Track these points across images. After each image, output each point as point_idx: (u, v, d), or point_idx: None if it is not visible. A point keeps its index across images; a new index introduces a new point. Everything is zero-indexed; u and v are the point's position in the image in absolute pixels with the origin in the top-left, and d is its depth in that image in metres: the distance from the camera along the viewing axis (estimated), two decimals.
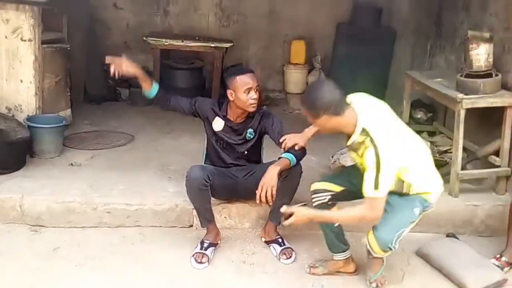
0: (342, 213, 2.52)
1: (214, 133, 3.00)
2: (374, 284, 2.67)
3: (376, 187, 2.29)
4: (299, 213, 2.43)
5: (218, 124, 2.98)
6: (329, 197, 2.66)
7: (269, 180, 2.64)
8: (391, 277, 2.77)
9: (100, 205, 3.09)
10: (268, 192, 2.62)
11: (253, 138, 3.02)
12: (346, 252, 2.74)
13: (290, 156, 2.77)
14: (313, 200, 2.69)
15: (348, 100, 2.46)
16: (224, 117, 2.96)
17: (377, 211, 2.34)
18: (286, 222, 2.44)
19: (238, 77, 2.80)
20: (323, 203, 2.66)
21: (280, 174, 2.70)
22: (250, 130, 2.99)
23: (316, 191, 2.68)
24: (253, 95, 2.81)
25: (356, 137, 2.37)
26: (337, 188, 2.66)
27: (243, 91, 2.78)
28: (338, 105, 2.36)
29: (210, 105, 3.01)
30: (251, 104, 2.82)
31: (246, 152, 3.03)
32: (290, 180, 2.81)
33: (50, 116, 3.92)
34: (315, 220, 2.55)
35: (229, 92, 2.84)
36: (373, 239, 2.48)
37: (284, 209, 2.44)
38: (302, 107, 2.51)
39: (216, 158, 3.05)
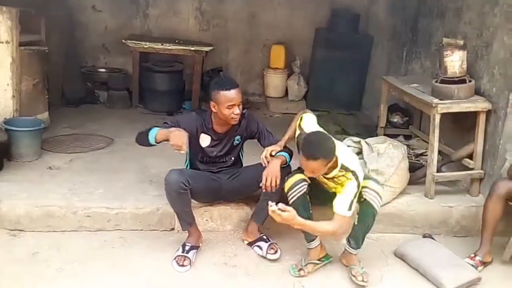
0: (320, 226, 2.71)
1: (202, 149, 2.99)
2: (360, 278, 2.78)
3: (349, 208, 2.66)
4: (292, 214, 2.55)
5: (204, 140, 2.97)
6: (306, 186, 2.77)
7: (273, 171, 2.76)
8: (370, 277, 2.84)
9: (80, 209, 3.06)
10: (273, 180, 2.76)
11: (239, 143, 3.07)
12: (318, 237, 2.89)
13: (286, 154, 2.92)
14: (292, 195, 2.75)
15: None
16: (210, 130, 2.95)
17: (344, 227, 2.72)
18: (277, 210, 2.50)
19: (222, 93, 2.79)
20: (303, 193, 2.75)
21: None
22: (237, 137, 3.03)
23: (293, 186, 2.75)
24: (236, 110, 2.82)
25: (336, 172, 2.68)
26: (308, 179, 2.79)
27: (226, 107, 2.80)
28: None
29: (194, 121, 2.95)
30: (233, 118, 2.85)
31: (232, 159, 3.07)
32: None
33: (28, 119, 3.86)
34: (297, 226, 2.64)
35: (212, 104, 2.85)
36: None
37: (282, 205, 2.52)
38: (314, 161, 2.55)
39: (200, 168, 3.06)
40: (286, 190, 2.78)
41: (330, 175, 2.71)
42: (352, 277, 2.80)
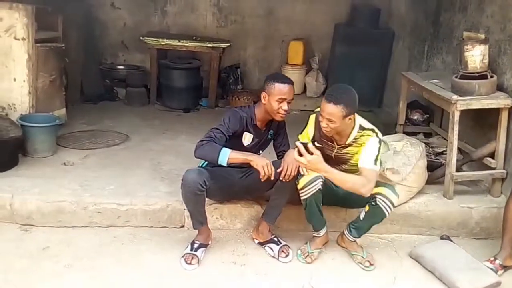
0: (349, 177, 2.67)
1: (243, 147, 2.90)
2: (367, 264, 2.84)
3: (375, 163, 2.68)
4: (319, 158, 2.56)
5: (247, 138, 2.92)
6: (322, 183, 2.73)
7: (293, 160, 2.67)
8: (383, 279, 2.76)
9: (91, 204, 3.07)
10: (292, 170, 2.71)
11: (271, 138, 3.04)
12: (326, 224, 2.93)
13: None
14: (307, 191, 2.72)
15: None
16: (253, 126, 2.90)
17: (372, 183, 2.67)
18: (302, 149, 2.51)
19: (276, 84, 2.77)
20: (318, 190, 2.72)
21: None
22: (271, 132, 3.01)
23: (308, 183, 2.71)
24: (285, 106, 2.79)
25: (355, 133, 2.75)
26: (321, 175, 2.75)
27: (276, 99, 2.77)
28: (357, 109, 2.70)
29: (240, 121, 2.86)
30: (280, 113, 2.81)
31: (260, 153, 3.02)
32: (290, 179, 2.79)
33: (44, 115, 3.90)
34: (323, 172, 2.62)
35: (263, 94, 2.82)
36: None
37: (311, 146, 2.55)
38: (335, 105, 2.59)
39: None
40: (301, 186, 2.74)
41: (349, 140, 2.76)
42: (358, 264, 2.86)
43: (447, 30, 4.27)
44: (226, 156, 2.66)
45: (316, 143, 2.86)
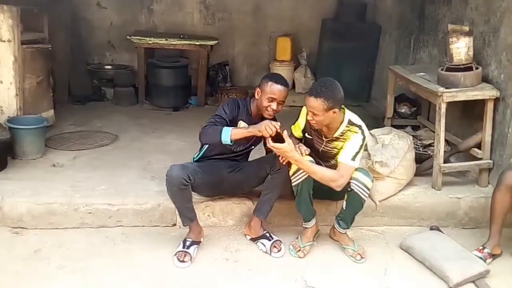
0: (318, 168, 2.74)
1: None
2: (358, 257, 2.88)
3: (353, 158, 2.72)
4: (290, 146, 2.63)
5: (242, 126, 2.92)
6: None
7: (267, 121, 2.72)
8: (374, 271, 2.79)
9: (82, 205, 3.06)
10: (270, 127, 2.70)
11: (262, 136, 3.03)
12: (315, 215, 2.95)
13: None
14: (298, 177, 2.76)
15: None
16: (249, 116, 2.95)
17: (346, 178, 2.72)
18: (275, 144, 2.61)
19: (270, 83, 2.83)
20: (308, 176, 2.74)
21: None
22: None
23: (299, 168, 2.74)
24: (274, 106, 2.83)
25: (343, 127, 2.78)
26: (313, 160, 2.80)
27: (267, 97, 2.82)
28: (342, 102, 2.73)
29: (237, 107, 2.95)
30: (268, 112, 2.86)
31: (252, 148, 3.07)
32: (280, 174, 2.83)
33: (31, 117, 3.88)
34: (295, 161, 2.69)
35: (257, 90, 2.89)
36: None
37: (286, 133, 2.64)
38: (315, 98, 2.64)
39: (218, 151, 3.01)
40: (293, 171, 2.77)
41: (337, 133, 2.79)
42: (349, 257, 2.89)
43: (433, 23, 4.31)
44: (228, 134, 2.72)
45: (306, 135, 2.93)
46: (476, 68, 3.32)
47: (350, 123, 2.80)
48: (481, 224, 3.24)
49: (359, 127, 2.78)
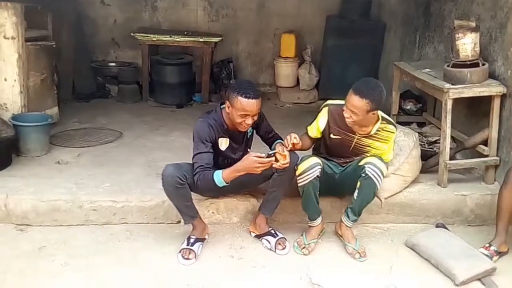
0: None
1: (222, 152, 2.87)
2: (358, 255, 2.84)
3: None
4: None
5: (223, 143, 2.85)
6: (320, 169, 2.76)
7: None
8: (380, 268, 2.77)
9: (86, 203, 3.06)
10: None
11: (252, 134, 3.00)
12: (321, 214, 2.93)
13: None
14: (304, 178, 2.74)
15: None
16: (226, 131, 2.82)
17: None
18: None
19: (240, 99, 2.63)
20: (316, 177, 2.74)
21: None
22: (249, 129, 2.93)
23: (307, 169, 2.73)
24: (249, 120, 2.70)
25: (378, 125, 2.82)
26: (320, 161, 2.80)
27: (239, 115, 2.68)
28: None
29: (210, 130, 2.77)
30: (242, 126, 2.74)
31: (248, 151, 2.98)
32: (285, 172, 2.79)
33: (36, 114, 3.88)
34: None
35: (227, 104, 2.73)
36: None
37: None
38: (360, 98, 2.62)
39: (219, 163, 2.92)
40: (300, 171, 2.76)
41: (373, 131, 2.81)
42: (349, 255, 2.87)
43: (438, 19, 4.27)
44: (220, 179, 2.65)
45: (332, 135, 2.89)
46: (483, 64, 3.28)
47: (384, 120, 2.83)
48: (487, 221, 3.21)
49: (393, 124, 2.86)
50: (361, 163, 2.79)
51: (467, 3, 3.77)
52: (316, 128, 2.94)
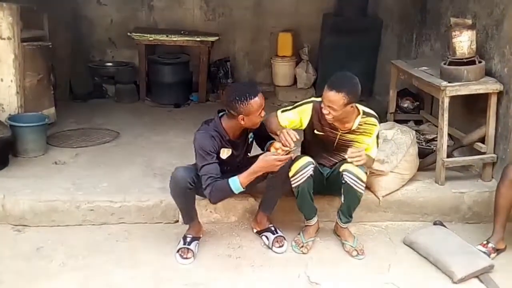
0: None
1: (223, 161, 2.82)
2: (355, 253, 2.85)
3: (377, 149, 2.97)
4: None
5: (225, 153, 2.81)
6: (313, 168, 2.75)
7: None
8: (378, 266, 2.78)
9: (84, 203, 3.06)
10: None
11: (253, 139, 2.97)
12: (316, 213, 2.94)
13: None
14: (299, 178, 2.73)
15: None
16: (228, 141, 2.77)
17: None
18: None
19: (252, 101, 2.60)
20: (309, 176, 2.73)
21: None
22: (250, 135, 2.93)
23: (300, 169, 2.72)
24: (263, 112, 2.70)
25: (359, 119, 2.81)
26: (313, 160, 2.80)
27: (258, 114, 2.67)
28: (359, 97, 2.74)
29: (214, 141, 2.71)
30: (259, 121, 2.73)
31: (249, 155, 2.97)
32: (280, 173, 2.78)
33: (33, 114, 3.86)
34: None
35: (240, 117, 2.65)
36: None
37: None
38: (336, 93, 2.62)
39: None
40: (292, 172, 2.75)
41: (354, 126, 2.80)
42: (346, 253, 2.87)
43: (435, 16, 4.28)
44: (238, 185, 2.64)
45: (315, 131, 2.88)
46: (479, 62, 3.29)
47: (365, 113, 2.82)
48: (485, 218, 3.22)
49: (375, 117, 2.84)
50: (341, 169, 2.78)
51: (464, 0, 3.77)
52: (294, 121, 2.88)
